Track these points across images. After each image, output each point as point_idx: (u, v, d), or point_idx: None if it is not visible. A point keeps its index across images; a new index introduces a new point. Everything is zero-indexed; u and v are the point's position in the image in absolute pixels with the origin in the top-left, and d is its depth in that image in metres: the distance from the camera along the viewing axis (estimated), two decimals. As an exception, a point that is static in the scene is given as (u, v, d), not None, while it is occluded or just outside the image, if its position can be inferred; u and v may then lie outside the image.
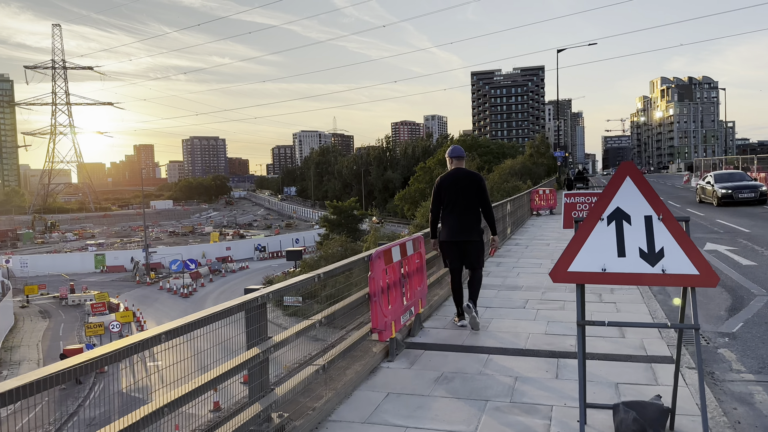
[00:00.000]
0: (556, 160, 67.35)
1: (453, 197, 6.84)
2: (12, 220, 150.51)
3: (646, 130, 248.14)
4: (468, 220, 6.86)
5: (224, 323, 3.88)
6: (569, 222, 11.91)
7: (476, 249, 6.98)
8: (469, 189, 6.84)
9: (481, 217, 7.01)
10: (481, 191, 6.88)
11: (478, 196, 6.87)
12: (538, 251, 14.07)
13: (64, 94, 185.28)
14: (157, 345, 2.97)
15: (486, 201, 6.94)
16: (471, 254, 6.97)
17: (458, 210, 6.85)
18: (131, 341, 2.79)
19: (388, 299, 5.96)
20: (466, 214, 6.86)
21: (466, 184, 6.86)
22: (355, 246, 47.43)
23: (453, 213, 6.87)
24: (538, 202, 25.84)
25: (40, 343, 40.37)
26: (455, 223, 6.87)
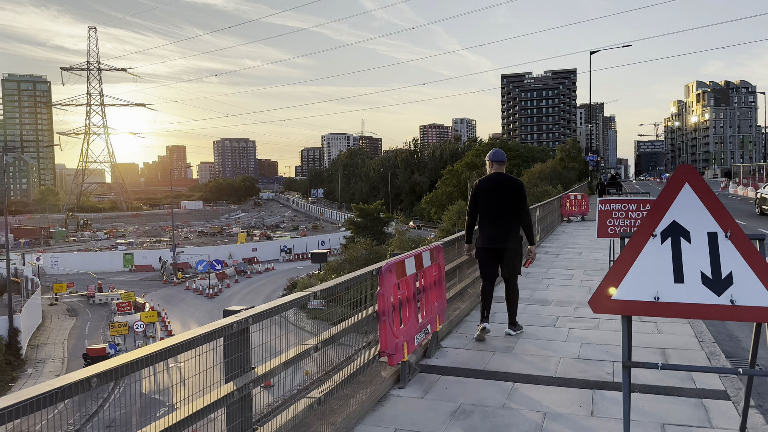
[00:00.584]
0: (587, 164, 65.79)
1: (491, 202, 6.65)
2: (46, 218, 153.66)
3: (681, 135, 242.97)
4: (505, 226, 6.64)
5: (210, 347, 3.26)
6: (604, 231, 11.09)
7: (512, 256, 6.73)
8: (508, 195, 6.61)
9: (519, 225, 6.76)
10: (520, 198, 6.65)
11: (518, 203, 6.63)
12: (569, 261, 13.25)
13: (98, 95, 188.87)
14: (87, 390, 2.36)
15: (525, 209, 6.68)
16: (507, 262, 6.72)
17: (496, 216, 6.65)
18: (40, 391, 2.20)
19: (400, 318, 5.31)
20: (504, 220, 6.64)
21: (505, 190, 6.63)
22: (380, 249, 46.85)
23: (490, 219, 6.68)
24: (569, 207, 24.88)
25: (66, 342, 40.61)
26: (492, 229, 6.67)
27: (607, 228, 11.06)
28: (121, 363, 2.55)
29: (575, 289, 9.82)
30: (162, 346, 2.88)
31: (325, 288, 4.21)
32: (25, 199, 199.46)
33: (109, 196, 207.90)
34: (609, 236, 11.04)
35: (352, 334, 4.98)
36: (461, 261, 8.13)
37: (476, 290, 8.84)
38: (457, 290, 7.86)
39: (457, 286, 7.95)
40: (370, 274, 4.95)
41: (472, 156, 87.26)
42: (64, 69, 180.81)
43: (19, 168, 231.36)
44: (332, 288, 4.34)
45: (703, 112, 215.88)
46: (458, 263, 7.91)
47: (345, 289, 4.68)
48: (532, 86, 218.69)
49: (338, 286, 4.45)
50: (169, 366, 31.25)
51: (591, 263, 12.81)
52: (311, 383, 4.73)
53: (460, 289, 8.01)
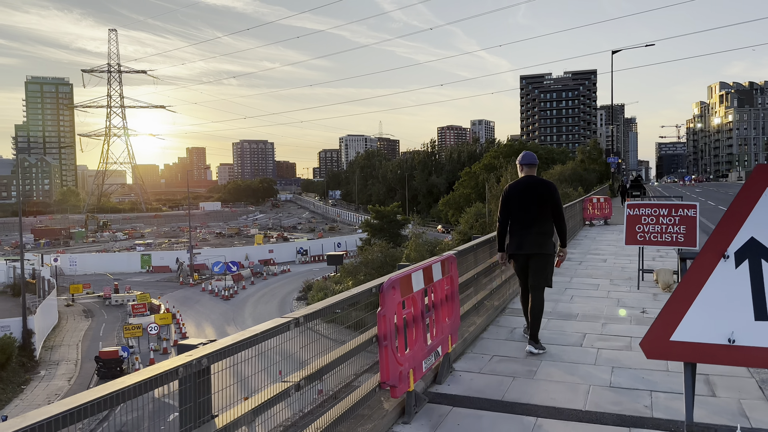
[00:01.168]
0: (608, 166, 64.51)
1: (523, 207, 6.41)
2: (67, 219, 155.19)
3: (703, 137, 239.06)
4: (539, 232, 6.39)
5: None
6: (632, 237, 10.27)
7: (544, 264, 6.42)
8: (541, 199, 6.38)
9: (554, 230, 6.53)
10: (554, 202, 6.42)
11: (551, 206, 6.41)
12: (593, 269, 12.45)
13: (118, 97, 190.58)
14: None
15: (560, 212, 6.48)
16: (535, 269, 6.43)
17: (528, 221, 6.39)
18: None
19: (406, 341, 4.62)
20: (537, 226, 6.39)
21: (537, 194, 6.40)
22: (396, 252, 46.13)
23: (522, 225, 6.43)
24: (592, 211, 23.97)
25: (80, 343, 40.45)
26: (525, 235, 6.41)
27: (636, 234, 10.25)
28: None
29: (602, 302, 9.04)
30: (81, 401, 2.21)
31: (311, 312, 3.51)
32: (47, 199, 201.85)
33: (129, 197, 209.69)
34: (638, 243, 10.23)
35: (354, 360, 4.30)
36: (477, 271, 7.42)
37: (493, 302, 8.12)
38: (473, 304, 7.14)
39: (472, 299, 7.23)
40: (369, 293, 4.24)
41: (490, 158, 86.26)
42: (86, 71, 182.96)
43: (42, 169, 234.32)
44: (321, 311, 3.64)
45: (726, 113, 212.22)
46: (474, 273, 7.20)
47: (339, 310, 3.99)
48: (551, 87, 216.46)
49: (328, 308, 3.74)
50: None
51: (617, 271, 11.99)
52: (300, 419, 4.04)
53: (476, 302, 7.29)
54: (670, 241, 10.04)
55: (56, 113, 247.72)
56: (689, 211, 10.01)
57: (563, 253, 6.81)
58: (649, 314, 8.13)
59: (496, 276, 8.45)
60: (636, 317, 7.99)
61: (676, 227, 10.02)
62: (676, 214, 10.07)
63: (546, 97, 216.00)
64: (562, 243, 6.75)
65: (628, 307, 8.61)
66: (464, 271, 6.84)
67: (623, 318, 7.95)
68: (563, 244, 6.76)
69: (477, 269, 7.50)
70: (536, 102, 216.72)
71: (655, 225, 10.17)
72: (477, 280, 7.36)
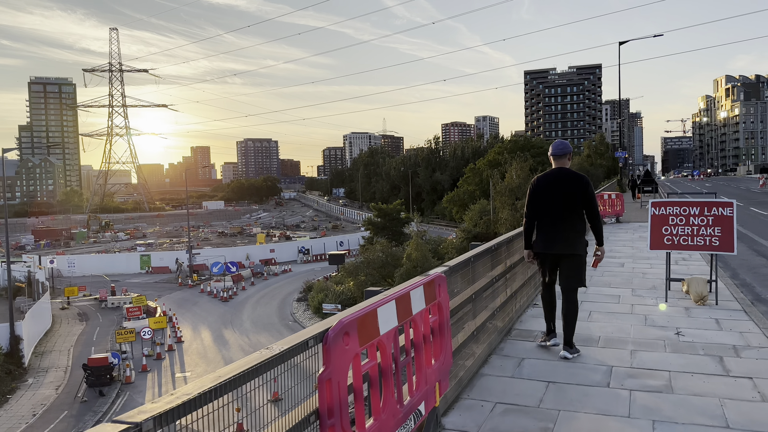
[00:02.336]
0: (615, 161, 62.90)
1: (551, 202, 5.97)
2: (69, 219, 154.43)
3: (710, 130, 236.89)
4: (568, 229, 5.94)
5: None
6: (658, 241, 8.84)
7: (576, 265, 6.00)
8: (571, 192, 5.90)
9: (586, 226, 6.08)
10: (586, 195, 5.91)
11: (583, 201, 5.92)
12: (610, 275, 11.00)
13: (120, 96, 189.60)
14: None
15: (593, 207, 5.98)
16: (565, 270, 6.02)
17: (557, 217, 5.95)
18: None
19: (369, 409, 3.22)
20: (567, 222, 5.94)
21: (567, 187, 5.92)
22: (398, 251, 44.75)
23: (551, 221, 6.00)
24: (603, 208, 22.47)
25: (72, 349, 39.19)
26: (551, 232, 6.00)
27: (662, 238, 8.81)
28: None
29: (626, 319, 7.60)
30: None
31: (166, 410, 2.06)
32: (50, 200, 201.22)
33: (133, 197, 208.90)
34: (666, 248, 8.80)
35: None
36: (477, 289, 5.99)
37: (496, 324, 6.71)
38: (471, 331, 5.72)
39: (469, 324, 5.80)
40: (304, 347, 2.80)
41: (494, 154, 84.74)
42: (87, 70, 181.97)
43: (45, 169, 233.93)
44: (189, 404, 2.17)
45: (732, 107, 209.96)
46: (472, 293, 5.77)
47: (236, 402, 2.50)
48: (556, 82, 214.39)
49: (204, 397, 2.27)
50: None
51: (639, 279, 10.53)
52: None
53: (476, 328, 5.86)
54: (704, 245, 8.60)
55: (60, 113, 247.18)
56: (725, 209, 8.56)
57: (601, 252, 6.21)
58: (686, 336, 6.71)
59: (500, 291, 7.03)
60: (671, 341, 6.56)
61: (710, 229, 8.58)
62: (709, 214, 8.63)
63: (550, 92, 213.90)
64: (599, 241, 6.18)
65: (658, 327, 7.19)
66: (460, 290, 5.44)
67: (656, 341, 6.52)
68: (599, 242, 6.19)
69: (476, 286, 6.08)
70: (541, 97, 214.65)
71: (685, 226, 8.73)
72: (476, 301, 5.94)
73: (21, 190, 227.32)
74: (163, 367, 34.79)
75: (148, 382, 31.97)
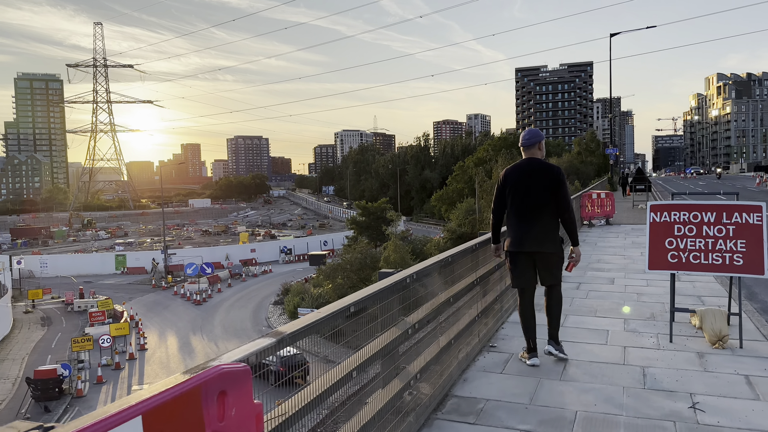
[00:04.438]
0: (606, 159, 60.77)
1: (521, 195, 5.44)
2: (51, 217, 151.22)
3: (700, 129, 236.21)
4: (540, 224, 5.39)
5: None
6: (660, 258, 6.52)
7: (553, 263, 5.47)
8: (543, 185, 5.37)
9: (559, 224, 5.47)
10: (558, 188, 5.37)
11: (555, 194, 5.36)
12: (597, 296, 8.69)
13: (105, 93, 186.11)
14: None
15: (566, 201, 5.39)
16: (544, 269, 5.47)
17: (528, 212, 5.41)
18: None
19: None
20: (539, 217, 5.39)
21: (538, 179, 5.39)
22: (376, 253, 42.40)
23: (520, 215, 5.45)
24: (591, 209, 20.24)
25: (27, 357, 36.66)
26: (524, 228, 5.43)
27: (665, 254, 6.49)
28: None
29: (617, 376, 5.28)
30: None
31: None
32: (37, 198, 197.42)
33: (118, 195, 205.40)
34: (670, 268, 6.48)
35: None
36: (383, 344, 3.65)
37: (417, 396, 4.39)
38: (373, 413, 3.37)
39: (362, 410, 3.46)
40: None
41: (483, 151, 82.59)
42: (70, 66, 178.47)
43: (32, 166, 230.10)
44: None
45: (724, 105, 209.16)
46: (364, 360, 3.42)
47: None
48: (547, 80, 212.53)
49: None
50: None
51: (634, 303, 8.21)
52: None
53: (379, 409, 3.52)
54: (722, 264, 6.29)
55: (46, 110, 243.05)
56: (752, 215, 6.26)
57: (576, 254, 5.64)
58: (707, 412, 4.41)
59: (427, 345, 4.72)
60: (683, 420, 4.26)
61: (731, 242, 6.27)
62: (729, 222, 6.33)
63: (542, 89, 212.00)
64: (573, 241, 5.64)
65: (663, 391, 4.89)
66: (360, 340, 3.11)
67: (661, 422, 4.22)
68: (574, 242, 5.63)
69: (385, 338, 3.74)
70: (532, 95, 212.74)
71: (697, 238, 6.42)
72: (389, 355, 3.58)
73: (6, 187, 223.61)
74: (120, 378, 32.33)
75: (101, 396, 29.51)
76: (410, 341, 4.38)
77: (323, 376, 3.02)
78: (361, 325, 3.74)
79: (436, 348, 4.83)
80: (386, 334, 3.97)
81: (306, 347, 3.23)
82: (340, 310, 3.26)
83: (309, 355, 3.41)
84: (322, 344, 3.23)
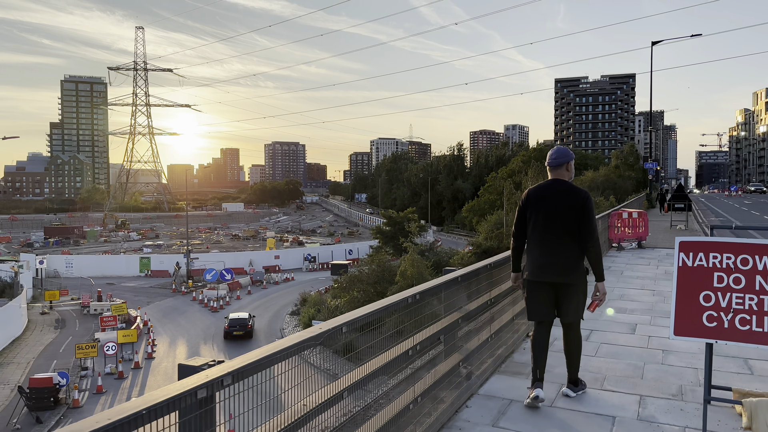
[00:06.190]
0: (646, 173, 57.65)
1: (543, 219, 4.99)
2: (87, 217, 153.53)
3: (747, 145, 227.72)
4: (564, 253, 4.91)
5: None
6: (692, 321, 4.54)
7: (573, 295, 4.96)
8: (566, 210, 4.91)
9: (583, 254, 4.98)
10: (584, 215, 4.88)
11: (580, 221, 4.89)
12: (609, 356, 6.66)
13: (144, 96, 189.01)
14: None
15: (591, 230, 4.89)
16: (565, 302, 4.98)
17: (550, 238, 4.95)
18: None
19: None
20: (561, 244, 4.92)
21: (562, 202, 4.93)
22: (394, 266, 40.50)
23: (541, 242, 5.00)
24: (621, 229, 18.06)
25: (33, 362, 35.79)
26: (544, 256, 4.97)
27: (700, 314, 4.50)
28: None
29: None
30: None
31: None
32: (77, 197, 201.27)
33: (155, 197, 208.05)
34: (705, 335, 4.48)
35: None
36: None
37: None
38: None
39: None
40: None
41: (518, 162, 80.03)
42: (112, 69, 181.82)
43: (74, 167, 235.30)
44: None
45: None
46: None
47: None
48: (587, 91, 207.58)
49: None
50: None
51: (655, 368, 6.16)
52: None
53: None
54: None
55: (90, 112, 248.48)
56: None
57: (600, 291, 4.96)
58: None
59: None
60: None
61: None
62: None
63: (582, 101, 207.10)
64: (598, 276, 4.98)
65: None
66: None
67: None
68: (599, 278, 4.98)
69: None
70: (571, 106, 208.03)
71: (746, 294, 4.42)
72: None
73: (49, 186, 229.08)
74: (122, 388, 31.06)
75: (98, 408, 28.24)
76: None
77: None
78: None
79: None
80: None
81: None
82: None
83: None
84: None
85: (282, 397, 2.80)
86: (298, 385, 2.88)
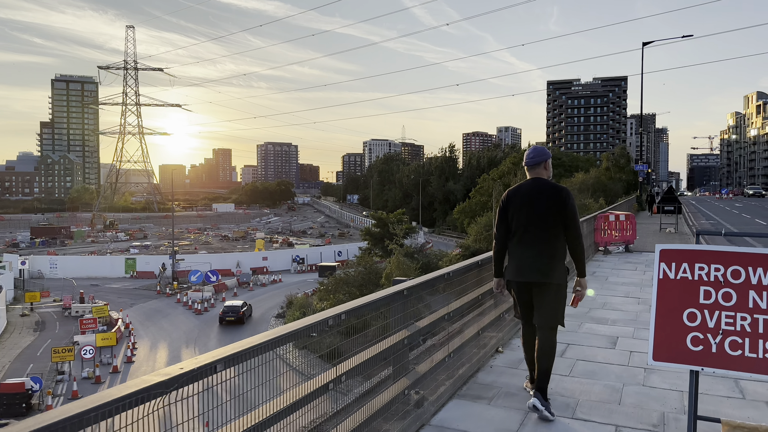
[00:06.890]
0: (636, 175, 57.21)
1: (524, 219, 4.87)
2: (75, 217, 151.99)
3: (738, 148, 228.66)
4: (543, 252, 4.81)
5: None
6: (674, 343, 3.91)
7: (552, 296, 4.81)
8: (548, 208, 4.82)
9: (566, 251, 4.92)
10: (566, 212, 4.80)
11: (563, 219, 4.81)
12: (586, 372, 5.98)
13: (134, 95, 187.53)
14: None
15: (574, 227, 4.84)
16: (541, 304, 4.84)
17: (531, 238, 4.84)
18: None
19: None
20: (542, 244, 4.82)
21: (543, 202, 4.84)
22: (380, 268, 39.81)
23: (523, 242, 4.90)
24: (608, 232, 17.43)
25: (9, 365, 34.85)
26: (525, 256, 4.87)
27: (682, 336, 3.83)
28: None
29: None
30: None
31: None
32: (67, 197, 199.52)
33: (146, 197, 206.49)
34: (687, 361, 3.81)
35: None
36: None
37: None
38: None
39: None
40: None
41: (509, 164, 79.49)
42: (102, 68, 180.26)
43: (64, 166, 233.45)
44: None
45: (763, 124, 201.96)
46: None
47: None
48: (579, 93, 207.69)
49: None
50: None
51: (635, 390, 5.49)
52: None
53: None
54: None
55: (81, 111, 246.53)
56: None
57: (581, 286, 4.99)
58: None
59: None
60: None
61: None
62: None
63: (574, 103, 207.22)
64: (580, 272, 4.99)
65: None
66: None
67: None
68: (581, 273, 4.99)
69: None
70: (563, 108, 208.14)
71: (738, 312, 3.75)
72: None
73: (39, 186, 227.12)
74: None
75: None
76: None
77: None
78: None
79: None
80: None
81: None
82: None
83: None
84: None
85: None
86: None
